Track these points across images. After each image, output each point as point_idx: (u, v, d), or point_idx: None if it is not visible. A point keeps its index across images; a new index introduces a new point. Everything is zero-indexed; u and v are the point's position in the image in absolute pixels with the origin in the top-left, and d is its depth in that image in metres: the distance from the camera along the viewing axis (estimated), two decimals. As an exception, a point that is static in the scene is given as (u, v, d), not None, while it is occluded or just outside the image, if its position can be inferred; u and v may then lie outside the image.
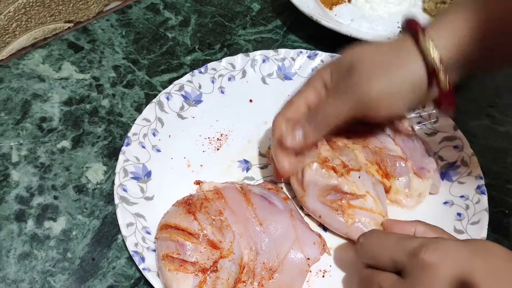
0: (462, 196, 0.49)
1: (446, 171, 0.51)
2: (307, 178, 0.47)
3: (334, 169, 0.46)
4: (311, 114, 0.45)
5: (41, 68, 0.63)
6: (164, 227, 0.44)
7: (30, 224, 0.49)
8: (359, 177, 0.46)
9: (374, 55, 0.43)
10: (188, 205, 0.44)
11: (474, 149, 0.52)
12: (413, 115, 0.55)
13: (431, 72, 0.40)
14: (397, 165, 0.48)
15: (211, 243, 0.42)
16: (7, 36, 0.62)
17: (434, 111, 0.55)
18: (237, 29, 0.69)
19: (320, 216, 0.47)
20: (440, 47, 0.40)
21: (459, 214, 0.47)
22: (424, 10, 0.71)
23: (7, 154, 0.54)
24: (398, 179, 0.48)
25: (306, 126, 0.45)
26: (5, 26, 0.61)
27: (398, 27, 0.68)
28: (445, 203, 0.49)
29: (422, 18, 0.69)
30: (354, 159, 0.47)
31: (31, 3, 0.62)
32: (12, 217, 0.49)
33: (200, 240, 0.42)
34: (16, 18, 0.62)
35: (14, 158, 0.54)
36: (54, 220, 0.49)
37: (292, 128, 0.46)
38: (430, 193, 0.49)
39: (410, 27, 0.42)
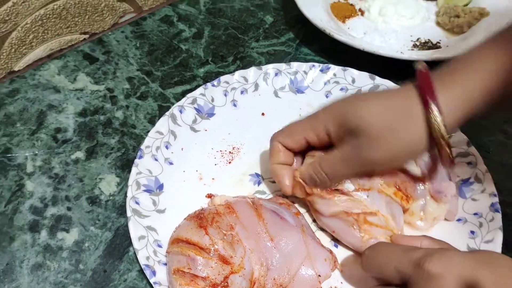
0: (475, 214, 0.48)
1: (460, 187, 0.50)
2: (313, 203, 0.47)
3: (340, 191, 0.46)
4: (322, 165, 0.46)
5: (57, 79, 0.64)
6: (176, 241, 0.44)
7: (43, 234, 0.49)
8: (367, 196, 0.45)
9: (381, 117, 0.42)
10: (200, 219, 0.44)
11: (488, 166, 0.51)
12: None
13: (434, 144, 0.41)
14: (416, 187, 0.48)
15: (222, 258, 0.42)
16: (24, 47, 0.63)
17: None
18: (250, 42, 0.69)
19: (334, 231, 0.47)
20: (450, 113, 0.40)
21: (472, 232, 0.47)
22: (438, 24, 0.71)
23: (22, 165, 0.55)
24: (415, 202, 0.48)
25: (322, 174, 0.46)
26: (22, 38, 0.62)
27: (412, 40, 0.68)
28: (458, 220, 0.49)
29: (436, 31, 0.69)
30: (367, 178, 0.47)
31: (48, 15, 0.63)
32: (26, 228, 0.50)
33: (211, 255, 0.42)
34: (33, 29, 0.63)
35: (29, 169, 0.54)
36: (67, 231, 0.50)
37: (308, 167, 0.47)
38: (445, 219, 0.49)
39: (421, 87, 0.41)
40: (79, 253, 0.48)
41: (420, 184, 0.48)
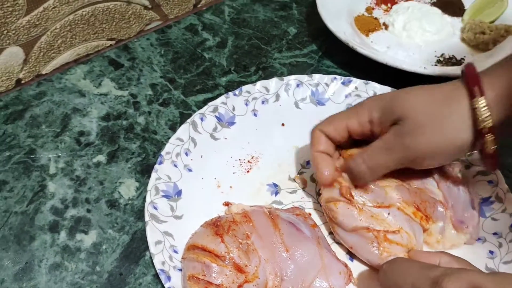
0: (495, 233, 0.47)
1: (480, 206, 0.50)
2: (332, 214, 0.47)
3: (360, 209, 0.46)
4: (363, 156, 0.46)
5: (82, 83, 0.65)
6: (192, 247, 0.44)
7: (62, 235, 0.50)
8: (389, 213, 0.45)
9: (426, 106, 0.43)
10: (216, 227, 0.45)
11: (510, 185, 0.50)
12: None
13: (479, 137, 0.41)
14: (437, 208, 0.47)
15: (237, 267, 0.42)
16: (52, 51, 0.65)
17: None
18: (273, 52, 0.70)
19: (352, 247, 0.47)
20: (496, 109, 0.40)
21: (491, 252, 0.46)
22: (463, 40, 0.70)
23: (45, 166, 0.56)
24: (434, 223, 0.47)
25: (362, 166, 0.46)
26: (51, 42, 0.64)
27: (435, 56, 0.68)
28: (478, 239, 0.48)
29: (460, 48, 0.69)
30: (383, 195, 0.46)
31: (76, 21, 0.65)
32: (46, 228, 0.51)
33: (226, 262, 0.42)
34: (62, 34, 0.64)
35: (52, 170, 0.56)
36: (86, 233, 0.50)
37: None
38: (464, 243, 0.48)
39: (468, 80, 0.42)
40: (97, 255, 0.49)
41: (441, 207, 0.47)
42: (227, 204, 0.51)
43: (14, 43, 0.61)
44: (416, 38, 0.70)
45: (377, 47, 0.69)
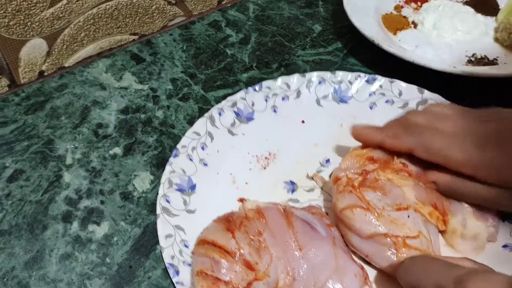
0: (527, 241, 0.44)
1: (508, 211, 0.47)
2: (349, 221, 0.44)
3: (379, 215, 0.43)
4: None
5: (104, 76, 0.65)
6: (202, 242, 0.43)
7: (75, 226, 0.50)
8: (409, 216, 0.43)
9: None
10: (228, 222, 0.43)
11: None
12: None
13: None
14: (453, 201, 0.45)
15: (247, 264, 0.40)
16: (75, 44, 0.65)
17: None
18: (296, 50, 0.68)
19: (367, 256, 0.44)
20: None
21: (521, 261, 0.43)
22: (496, 40, 0.67)
23: (62, 156, 0.56)
24: (454, 217, 0.44)
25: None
26: (74, 35, 0.64)
27: (466, 55, 0.65)
28: (504, 246, 0.45)
29: (493, 48, 0.66)
30: (401, 196, 0.44)
31: (100, 15, 0.65)
32: (59, 218, 0.50)
33: (236, 259, 0.40)
34: (85, 28, 0.65)
35: (68, 161, 0.55)
36: (98, 224, 0.50)
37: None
38: (489, 241, 0.45)
39: None
40: (107, 246, 0.48)
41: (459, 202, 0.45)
42: (241, 200, 0.50)
43: (37, 35, 0.61)
44: (446, 37, 0.67)
45: (405, 46, 0.66)
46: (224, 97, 0.61)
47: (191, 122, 0.59)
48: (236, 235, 0.42)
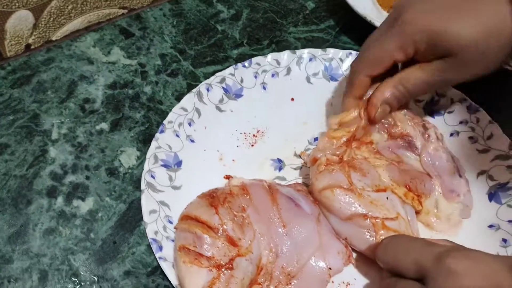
0: (510, 221, 0.44)
1: (496, 191, 0.46)
2: (328, 202, 0.43)
3: (359, 195, 0.43)
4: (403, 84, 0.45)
5: (92, 51, 0.64)
6: (185, 217, 0.43)
7: (59, 201, 0.49)
8: (387, 198, 0.42)
9: (476, 42, 0.41)
10: (212, 198, 0.43)
11: (531, 171, 0.47)
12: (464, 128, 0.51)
13: None
14: (425, 182, 0.45)
15: (230, 240, 0.40)
16: (62, 17, 0.64)
17: (488, 126, 0.50)
18: (288, 26, 0.67)
19: (346, 238, 0.44)
20: None
21: (504, 240, 0.43)
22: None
23: (48, 131, 0.55)
24: (428, 199, 0.44)
25: (402, 90, 0.46)
26: (61, 8, 0.63)
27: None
28: (491, 226, 0.45)
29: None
30: (377, 178, 0.44)
31: (88, -13, 0.64)
32: (44, 192, 0.50)
33: (219, 235, 0.40)
34: (72, 0, 0.63)
35: (54, 136, 0.55)
36: (83, 199, 0.49)
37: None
38: (463, 218, 0.45)
39: None
40: (92, 222, 0.48)
41: (428, 180, 0.45)
42: (228, 177, 0.50)
43: (23, 7, 0.60)
44: (440, 16, 0.66)
45: (398, 24, 0.65)
46: (213, 73, 0.60)
47: (179, 98, 0.58)
48: (219, 211, 0.41)
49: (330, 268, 0.40)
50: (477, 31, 0.41)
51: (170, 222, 0.45)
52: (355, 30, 0.66)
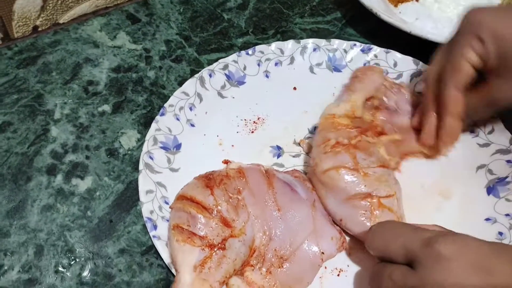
0: (507, 215, 0.44)
1: (494, 185, 0.46)
2: (332, 182, 0.43)
3: (365, 174, 0.43)
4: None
5: (98, 35, 0.64)
6: (180, 197, 0.43)
7: (59, 178, 0.50)
8: (389, 175, 0.42)
9: None
10: (208, 179, 0.43)
11: (531, 167, 0.47)
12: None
13: None
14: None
15: (224, 220, 0.40)
16: (70, 1, 0.64)
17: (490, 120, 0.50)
18: (294, 17, 0.67)
19: (341, 220, 0.44)
20: None
21: (500, 233, 0.43)
22: (499, 16, 0.65)
23: (50, 111, 0.56)
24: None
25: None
26: (70, -9, 0.63)
27: (467, 31, 0.63)
28: (487, 219, 0.44)
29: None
30: (380, 156, 0.44)
31: (96, -29, 0.64)
32: (44, 170, 0.50)
33: (213, 215, 0.40)
34: (81, -16, 0.64)
35: (57, 115, 0.55)
36: (82, 178, 0.50)
37: None
38: None
39: None
40: (89, 200, 0.48)
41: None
42: (226, 162, 0.50)
43: (32, -12, 0.61)
44: (448, 11, 0.66)
45: (405, 18, 0.65)
46: (217, 60, 0.60)
47: (182, 84, 0.58)
48: (214, 192, 0.41)
49: (323, 253, 0.40)
50: None
51: (166, 203, 0.45)
52: (361, 23, 0.66)
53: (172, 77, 0.59)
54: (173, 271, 0.40)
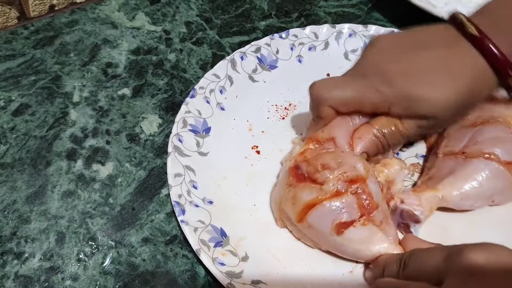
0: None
1: None
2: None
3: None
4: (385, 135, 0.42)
5: (116, 15, 0.62)
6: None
7: (79, 164, 0.47)
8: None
9: (451, 104, 0.38)
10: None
11: None
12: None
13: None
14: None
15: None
16: (87, -21, 0.62)
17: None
18: (318, 0, 0.65)
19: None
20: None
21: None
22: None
23: (69, 93, 0.53)
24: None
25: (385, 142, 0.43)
26: (87, -31, 0.61)
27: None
28: None
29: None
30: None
31: (115, -51, 0.61)
32: (64, 155, 0.48)
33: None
34: (99, -38, 0.61)
35: (75, 98, 0.53)
36: (103, 164, 0.47)
37: None
38: None
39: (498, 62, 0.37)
40: (111, 187, 0.46)
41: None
42: (255, 147, 0.47)
43: (48, -35, 0.58)
44: (479, -3, 0.63)
45: (434, 2, 0.62)
46: (240, 44, 0.58)
47: (203, 67, 0.56)
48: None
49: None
50: (456, 94, 0.37)
51: (195, 188, 0.43)
52: (388, 7, 0.63)
53: (193, 61, 0.57)
54: (200, 257, 0.39)
